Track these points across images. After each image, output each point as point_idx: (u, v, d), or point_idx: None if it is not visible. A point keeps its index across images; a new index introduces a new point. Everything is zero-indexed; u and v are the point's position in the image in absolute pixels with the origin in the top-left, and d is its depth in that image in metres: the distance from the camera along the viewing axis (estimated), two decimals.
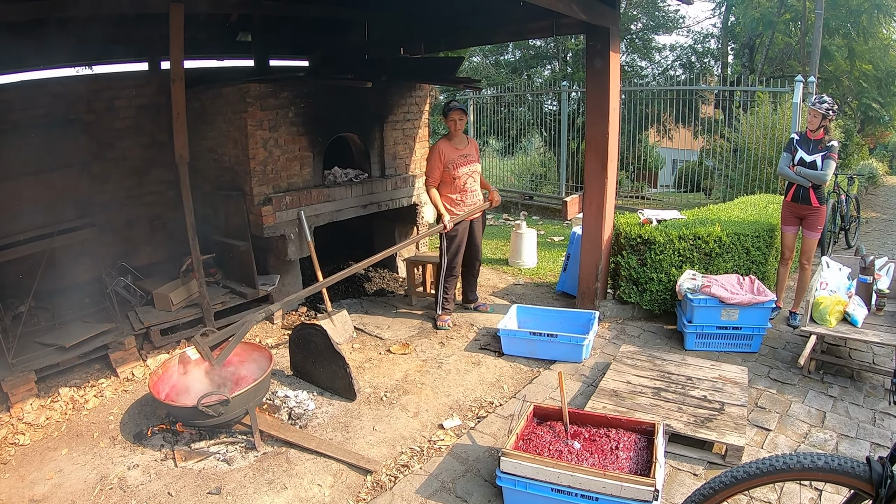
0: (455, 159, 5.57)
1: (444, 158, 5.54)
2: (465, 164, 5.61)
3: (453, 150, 5.59)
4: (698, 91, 12.44)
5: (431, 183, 5.64)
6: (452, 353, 5.28)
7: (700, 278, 5.22)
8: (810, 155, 5.28)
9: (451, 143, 5.62)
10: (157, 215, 6.72)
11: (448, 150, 5.57)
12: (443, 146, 5.57)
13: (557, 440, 3.45)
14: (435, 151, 5.58)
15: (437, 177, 5.61)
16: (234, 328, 4.23)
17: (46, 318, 5.34)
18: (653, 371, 4.51)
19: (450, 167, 5.55)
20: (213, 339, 4.16)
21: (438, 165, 5.56)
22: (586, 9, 5.01)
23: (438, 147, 5.58)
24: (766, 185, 9.36)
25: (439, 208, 5.59)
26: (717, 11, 17.71)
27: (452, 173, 5.55)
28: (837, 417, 4.06)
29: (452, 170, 5.55)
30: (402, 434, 4.03)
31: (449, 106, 5.64)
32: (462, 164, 5.59)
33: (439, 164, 5.56)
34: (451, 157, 5.56)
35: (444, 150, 5.55)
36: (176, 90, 4.82)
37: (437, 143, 5.65)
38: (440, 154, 5.54)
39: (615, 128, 5.71)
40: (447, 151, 5.56)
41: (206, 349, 4.05)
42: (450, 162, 5.55)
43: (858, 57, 14.17)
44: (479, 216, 5.93)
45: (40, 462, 3.80)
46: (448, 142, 5.62)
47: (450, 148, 5.59)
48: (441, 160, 5.54)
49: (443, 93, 14.90)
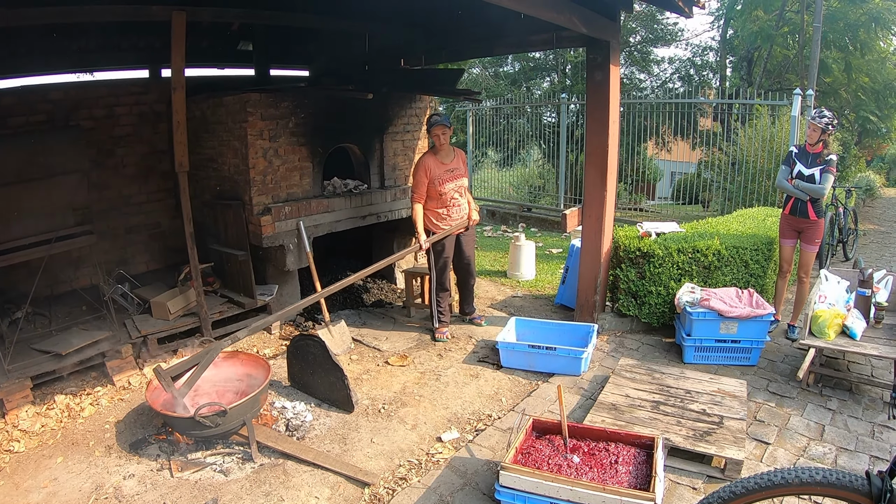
0: (441, 175, 5.49)
1: (430, 174, 5.46)
2: (451, 180, 5.55)
3: (439, 165, 5.51)
4: (697, 104, 12.50)
5: (417, 199, 5.53)
6: (451, 365, 5.26)
7: (699, 291, 5.22)
8: (809, 168, 5.29)
9: (436, 157, 5.53)
10: (155, 223, 6.73)
11: (434, 164, 5.49)
12: (428, 161, 5.49)
13: (556, 454, 3.43)
14: (421, 167, 5.49)
15: (422, 192, 5.52)
16: (199, 356, 4.12)
17: (43, 324, 5.33)
18: (652, 384, 4.51)
19: (435, 183, 5.47)
20: (178, 367, 4.05)
21: (424, 181, 5.47)
22: (587, 22, 5.03)
23: (424, 162, 5.49)
24: (765, 198, 9.38)
25: (418, 227, 5.52)
26: (716, 25, 17.86)
27: (438, 189, 5.48)
28: (836, 430, 4.05)
29: (438, 185, 5.47)
30: (400, 447, 4.01)
31: (431, 120, 5.53)
32: (448, 179, 5.53)
33: (424, 179, 5.47)
34: (437, 173, 5.48)
35: (429, 166, 5.47)
36: (177, 98, 4.83)
37: (423, 157, 5.56)
38: (426, 169, 5.46)
39: (615, 141, 5.72)
40: (433, 166, 5.47)
41: (167, 380, 3.94)
42: (436, 178, 5.47)
43: (855, 70, 14.27)
44: (465, 231, 5.83)
45: (35, 470, 3.77)
46: (434, 156, 5.53)
47: (436, 163, 5.50)
48: (426, 175, 5.46)
49: (442, 104, 14.94)
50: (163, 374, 3.94)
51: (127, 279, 5.94)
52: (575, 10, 4.84)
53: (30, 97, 5.76)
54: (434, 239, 5.54)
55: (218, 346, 4.18)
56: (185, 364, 4.07)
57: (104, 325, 5.20)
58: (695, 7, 5.45)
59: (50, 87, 5.97)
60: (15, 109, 5.62)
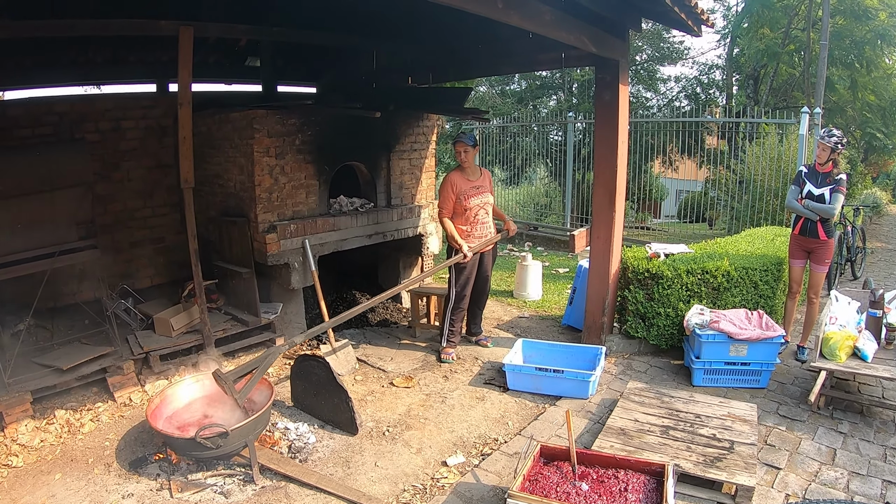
0: (466, 191, 5.53)
1: (456, 189, 5.51)
2: (476, 196, 5.58)
3: (465, 182, 5.56)
4: (703, 122, 12.49)
5: (444, 214, 5.59)
6: (456, 387, 5.20)
7: (708, 313, 5.15)
8: (819, 188, 5.26)
9: (463, 174, 5.59)
10: (160, 238, 6.69)
11: (460, 181, 5.54)
12: (455, 177, 5.54)
13: (565, 481, 3.36)
14: (447, 183, 5.55)
15: (449, 208, 5.57)
16: (257, 361, 4.18)
17: (45, 337, 5.29)
18: (661, 408, 4.44)
19: (461, 198, 5.51)
20: (238, 370, 4.12)
21: (451, 197, 5.52)
22: (596, 41, 5.01)
23: (450, 178, 5.55)
24: (773, 217, 9.31)
25: (456, 238, 5.52)
26: (722, 43, 17.85)
27: (464, 204, 5.51)
28: (848, 454, 3.99)
29: (464, 201, 5.51)
30: (404, 471, 3.94)
31: (455, 137, 5.65)
32: (473, 195, 5.56)
33: (451, 195, 5.52)
34: (463, 189, 5.52)
35: (455, 181, 5.52)
36: (183, 114, 4.82)
37: (450, 174, 5.62)
38: (452, 185, 5.51)
39: (623, 161, 5.69)
40: (459, 182, 5.52)
41: (230, 384, 3.99)
42: (461, 193, 5.51)
43: (861, 87, 14.25)
44: (491, 249, 5.86)
45: (33, 486, 3.72)
46: (460, 173, 5.59)
47: (461, 179, 5.55)
48: (453, 191, 5.51)
49: (449, 122, 14.96)
50: (224, 377, 3.99)
51: (130, 294, 5.91)
52: (584, 29, 4.82)
53: (36, 109, 5.75)
54: (477, 248, 5.56)
55: (276, 349, 4.32)
56: (244, 368, 4.13)
57: (106, 341, 5.15)
58: (703, 25, 5.44)
59: (56, 99, 5.96)
60: (21, 121, 5.60)
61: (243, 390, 4.03)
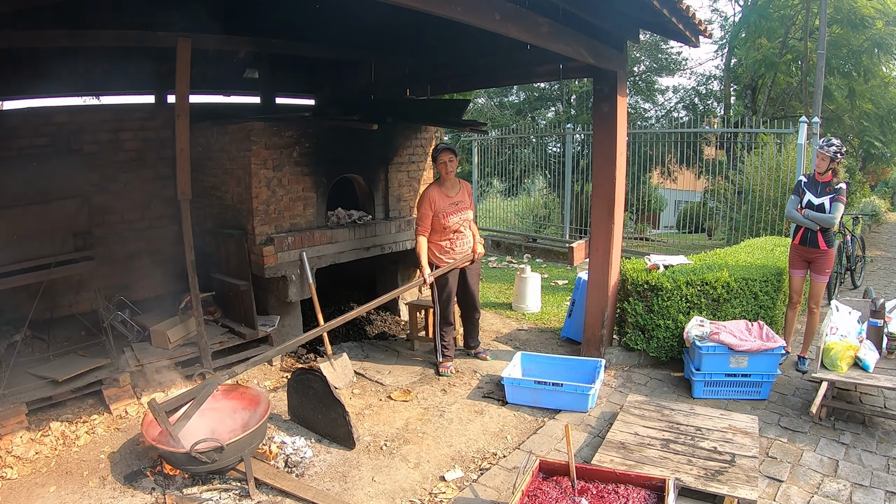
0: (445, 208, 5.42)
1: (434, 207, 5.40)
2: (456, 213, 5.48)
3: (444, 198, 5.45)
4: (701, 133, 12.49)
5: (421, 231, 5.45)
6: (455, 401, 5.15)
7: (708, 325, 5.13)
8: (818, 197, 5.27)
9: (441, 189, 5.48)
10: (157, 250, 6.66)
11: (438, 197, 5.43)
12: (433, 193, 5.44)
13: (564, 497, 3.32)
14: (425, 199, 5.44)
15: (427, 225, 5.45)
16: (195, 390, 4.01)
17: (41, 348, 5.28)
18: (661, 421, 4.40)
19: (440, 216, 5.40)
20: (174, 401, 3.92)
21: (429, 214, 5.41)
22: (594, 53, 5.01)
23: (429, 194, 5.44)
24: (772, 227, 9.31)
25: (421, 260, 5.42)
26: (720, 53, 17.93)
27: (443, 222, 5.41)
28: (850, 466, 3.96)
29: (442, 219, 5.40)
30: (402, 486, 3.90)
31: (437, 148, 5.54)
32: (453, 212, 5.46)
33: (429, 212, 5.40)
34: (442, 206, 5.41)
35: (434, 198, 5.41)
36: (180, 125, 4.82)
37: (428, 189, 5.51)
38: (430, 202, 5.40)
39: (622, 173, 5.68)
40: (437, 199, 5.42)
41: (162, 415, 3.81)
42: (440, 211, 5.40)
43: (859, 96, 14.30)
44: (470, 265, 5.72)
45: (27, 499, 3.69)
46: (439, 188, 5.48)
47: (440, 195, 5.45)
48: (431, 208, 5.40)
49: (447, 134, 14.98)
50: (157, 408, 3.82)
51: (127, 305, 5.88)
52: (582, 41, 4.83)
53: (34, 120, 5.74)
54: (438, 273, 5.45)
55: (215, 380, 4.09)
56: (182, 398, 3.95)
57: (103, 352, 5.13)
58: (700, 36, 5.44)
59: (54, 109, 5.95)
60: (19, 131, 5.60)
61: (178, 423, 3.84)
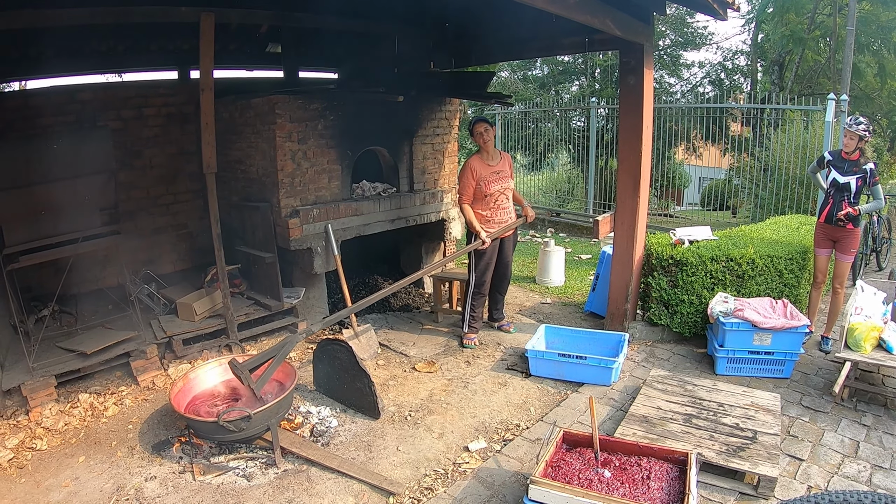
0: (487, 176, 5.47)
1: (476, 175, 5.45)
2: (497, 181, 5.52)
3: (485, 167, 5.50)
4: (727, 109, 12.28)
5: (465, 200, 5.55)
6: (478, 372, 5.18)
7: (732, 301, 5.09)
8: (844, 176, 5.18)
9: (482, 159, 5.53)
10: (182, 224, 6.74)
11: (480, 166, 5.48)
12: (474, 163, 5.49)
13: (587, 468, 3.34)
14: (467, 168, 5.49)
15: (469, 194, 5.52)
16: (274, 349, 4.14)
17: (69, 322, 5.36)
18: (684, 396, 4.39)
19: (482, 184, 5.46)
20: (254, 359, 4.08)
21: (471, 182, 5.47)
22: (621, 25, 4.92)
23: (470, 164, 5.49)
24: (797, 206, 9.17)
25: (475, 225, 5.49)
26: (747, 28, 17.52)
27: (484, 190, 5.46)
28: (871, 447, 3.93)
29: (484, 187, 5.46)
30: (426, 455, 3.94)
31: (472, 120, 5.61)
32: (494, 181, 5.50)
33: (472, 181, 5.46)
34: (483, 175, 5.47)
35: (475, 167, 5.46)
36: (205, 100, 4.82)
37: (469, 159, 5.56)
38: (472, 171, 5.45)
39: (648, 147, 5.60)
40: (479, 168, 5.47)
41: (245, 373, 3.97)
42: (481, 179, 5.46)
43: (889, 74, 13.92)
44: (511, 234, 5.82)
45: (57, 468, 3.78)
46: (480, 158, 5.53)
47: (482, 164, 5.50)
48: (473, 177, 5.45)
49: (471, 107, 14.87)
50: (240, 366, 3.98)
51: (153, 279, 5.96)
52: (608, 12, 4.74)
53: (58, 98, 5.80)
54: (496, 234, 5.52)
55: (293, 338, 4.26)
56: (261, 357, 4.09)
57: (130, 325, 5.21)
58: (728, 9, 5.33)
59: (78, 87, 6.01)
60: (43, 110, 5.66)
61: (260, 380, 4.00)
